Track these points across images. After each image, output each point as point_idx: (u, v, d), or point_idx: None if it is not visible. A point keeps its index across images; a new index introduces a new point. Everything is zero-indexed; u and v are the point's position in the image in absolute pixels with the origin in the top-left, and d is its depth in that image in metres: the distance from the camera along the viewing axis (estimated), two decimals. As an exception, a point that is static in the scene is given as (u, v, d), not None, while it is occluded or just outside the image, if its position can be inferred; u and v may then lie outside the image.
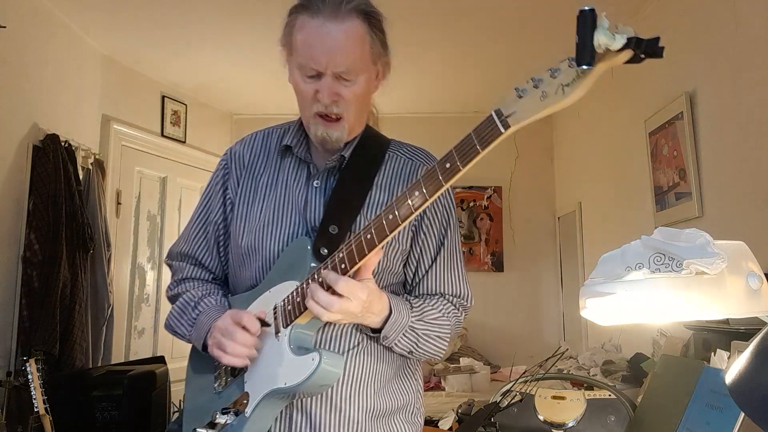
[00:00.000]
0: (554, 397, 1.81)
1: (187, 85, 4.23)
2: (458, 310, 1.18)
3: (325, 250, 1.03)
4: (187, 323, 1.16)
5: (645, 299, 0.82)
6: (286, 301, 1.04)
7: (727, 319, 1.66)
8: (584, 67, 0.72)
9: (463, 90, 4.34)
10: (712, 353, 1.55)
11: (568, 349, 3.28)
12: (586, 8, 0.71)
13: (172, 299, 1.23)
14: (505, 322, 4.60)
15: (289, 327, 1.03)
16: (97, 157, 3.44)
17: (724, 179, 2.34)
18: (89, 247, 3.12)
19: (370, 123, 1.25)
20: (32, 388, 2.23)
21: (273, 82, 4.07)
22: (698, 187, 2.48)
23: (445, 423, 2.44)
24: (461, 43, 3.54)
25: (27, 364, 2.25)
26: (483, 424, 1.77)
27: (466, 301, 1.20)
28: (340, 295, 0.95)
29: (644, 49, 0.69)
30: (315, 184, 1.14)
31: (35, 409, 2.21)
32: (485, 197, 4.82)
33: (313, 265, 1.03)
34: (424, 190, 0.89)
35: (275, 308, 1.06)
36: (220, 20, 3.22)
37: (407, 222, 0.92)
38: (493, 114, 0.82)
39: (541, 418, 1.79)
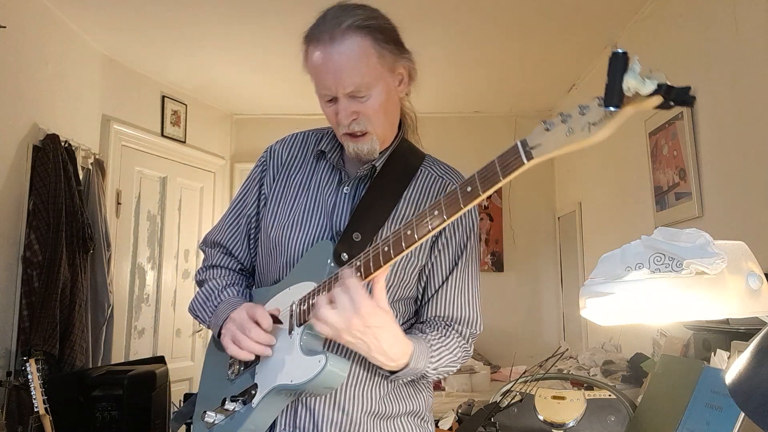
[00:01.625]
0: (554, 397, 1.81)
1: (187, 85, 4.23)
2: (468, 344, 1.20)
3: (346, 256, 1.06)
4: (209, 309, 1.20)
5: (645, 299, 0.82)
6: (302, 300, 1.07)
7: (727, 319, 1.66)
8: (612, 108, 0.72)
9: (464, 90, 4.34)
10: (712, 353, 1.55)
11: (568, 349, 3.28)
12: (620, 51, 0.72)
13: (200, 284, 1.28)
14: (505, 322, 4.60)
15: (302, 327, 1.05)
16: (97, 157, 3.45)
17: (724, 179, 2.34)
18: (89, 247, 3.12)
19: (409, 126, 1.28)
20: (32, 388, 2.23)
21: (273, 82, 4.07)
22: (698, 187, 2.48)
23: (445, 423, 2.44)
24: (463, 43, 3.54)
25: (27, 364, 2.25)
26: (483, 424, 1.77)
27: (476, 328, 1.20)
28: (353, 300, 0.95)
29: (674, 97, 0.70)
30: (345, 191, 1.17)
31: (35, 409, 2.21)
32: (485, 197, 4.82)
33: (332, 265, 1.06)
34: (444, 211, 0.90)
35: (292, 305, 1.09)
36: (220, 20, 3.22)
37: (423, 240, 0.93)
38: (518, 144, 0.83)
39: (541, 418, 1.79)
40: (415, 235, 0.92)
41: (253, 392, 1.07)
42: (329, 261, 1.07)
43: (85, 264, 3.14)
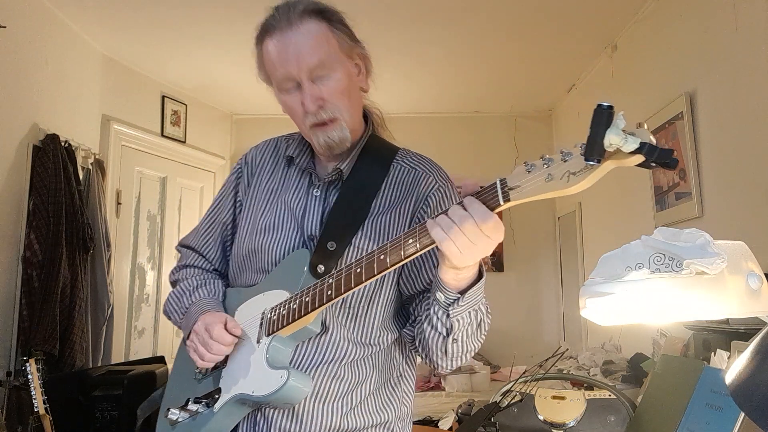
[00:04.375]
0: (554, 397, 1.81)
1: (187, 85, 4.23)
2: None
3: (322, 267, 1.04)
4: (180, 311, 1.19)
5: (645, 299, 0.82)
6: (273, 309, 1.05)
7: (727, 319, 1.66)
8: (591, 162, 0.71)
9: (464, 90, 4.34)
10: (712, 353, 1.55)
11: (568, 349, 3.28)
12: (605, 105, 0.70)
13: (173, 284, 1.27)
14: (505, 322, 4.60)
15: (270, 337, 1.03)
16: (97, 157, 3.45)
17: (724, 179, 2.34)
18: (89, 247, 3.12)
19: (378, 124, 1.25)
20: (32, 388, 2.23)
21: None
22: (698, 187, 2.48)
23: (445, 423, 2.44)
24: (463, 43, 3.54)
25: (27, 364, 2.25)
26: (483, 424, 1.77)
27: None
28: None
29: (656, 158, 0.68)
30: (315, 193, 1.14)
31: (35, 409, 2.21)
32: (485, 197, 4.82)
33: (308, 276, 1.04)
34: (418, 241, 0.89)
35: (264, 312, 1.07)
36: (220, 20, 3.22)
37: (398, 266, 0.91)
38: (498, 183, 0.82)
39: (541, 418, 1.79)
40: (388, 263, 0.91)
41: (216, 396, 1.07)
42: (305, 272, 1.05)
43: (85, 264, 3.14)
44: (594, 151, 0.70)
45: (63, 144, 3.03)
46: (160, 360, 3.29)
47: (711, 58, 2.41)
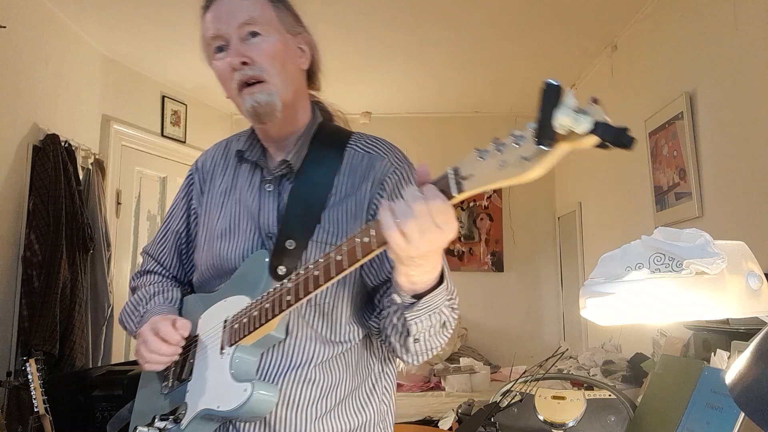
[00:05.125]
0: (554, 397, 1.81)
1: (187, 85, 4.23)
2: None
3: (283, 269, 0.99)
4: (136, 319, 1.15)
5: (645, 299, 0.82)
6: (235, 318, 1.00)
7: (727, 319, 1.66)
8: (543, 147, 0.65)
9: (464, 90, 4.34)
10: (712, 353, 1.55)
11: (568, 349, 3.28)
12: (553, 82, 0.64)
13: (132, 290, 1.24)
14: (505, 322, 4.60)
15: (233, 347, 0.98)
16: (97, 157, 3.44)
17: (724, 179, 2.34)
18: (89, 247, 3.12)
19: (340, 121, 1.21)
20: (32, 388, 2.23)
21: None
22: (698, 187, 2.48)
23: (445, 423, 2.44)
24: (463, 43, 3.54)
25: (27, 364, 2.25)
26: (483, 424, 1.77)
27: (454, 296, 1.05)
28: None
29: (611, 138, 0.61)
30: (267, 188, 1.09)
31: (35, 409, 2.21)
32: (485, 197, 4.83)
33: (268, 280, 1.00)
34: (374, 237, 0.83)
35: (225, 321, 1.02)
36: (220, 20, 3.22)
37: (355, 267, 0.86)
38: (450, 172, 0.76)
39: (541, 418, 1.79)
40: (345, 263, 0.85)
41: (183, 412, 1.02)
42: (265, 275, 1.00)
43: (85, 264, 3.14)
44: (545, 135, 0.64)
45: (63, 144, 3.03)
46: (160, 360, 3.28)
47: (711, 58, 2.41)
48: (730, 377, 0.61)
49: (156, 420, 1.04)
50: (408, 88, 4.28)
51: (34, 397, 2.22)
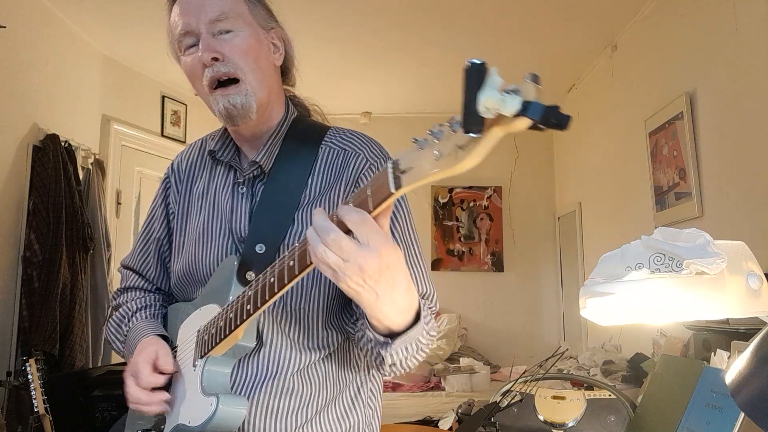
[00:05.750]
0: (554, 397, 1.81)
1: (187, 85, 4.16)
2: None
3: (252, 274, 0.94)
4: (120, 338, 1.11)
5: (645, 299, 0.82)
6: (206, 327, 0.95)
7: (727, 319, 1.66)
8: (471, 134, 0.59)
9: (460, 90, 4.33)
10: (712, 353, 1.55)
11: (568, 349, 3.28)
12: (475, 61, 0.59)
13: (115, 308, 1.18)
14: (505, 322, 4.60)
15: (204, 359, 0.94)
16: (97, 157, 3.45)
17: (724, 179, 2.34)
18: (89, 247, 3.12)
19: (318, 117, 1.16)
20: (32, 388, 2.23)
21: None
22: (698, 187, 2.48)
23: (445, 423, 2.44)
24: (463, 43, 3.54)
25: (27, 364, 2.25)
26: (483, 424, 1.77)
27: (434, 303, 1.01)
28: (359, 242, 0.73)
29: (543, 119, 0.54)
30: (240, 191, 1.04)
31: (35, 409, 2.21)
32: (485, 197, 4.83)
33: (236, 287, 0.95)
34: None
35: (198, 332, 0.98)
36: (220, 20, 3.22)
37: (306, 272, 0.78)
38: (389, 166, 0.69)
39: (541, 418, 1.79)
40: (296, 269, 0.78)
41: (162, 427, 0.99)
42: (233, 282, 0.95)
43: (85, 264, 3.14)
44: (470, 120, 0.58)
45: (63, 144, 3.03)
46: (160, 360, 3.28)
47: (711, 58, 2.41)
48: (730, 377, 0.61)
49: None
50: (408, 88, 4.28)
51: (34, 397, 2.22)
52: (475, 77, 0.59)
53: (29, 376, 2.24)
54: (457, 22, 3.27)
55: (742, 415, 1.20)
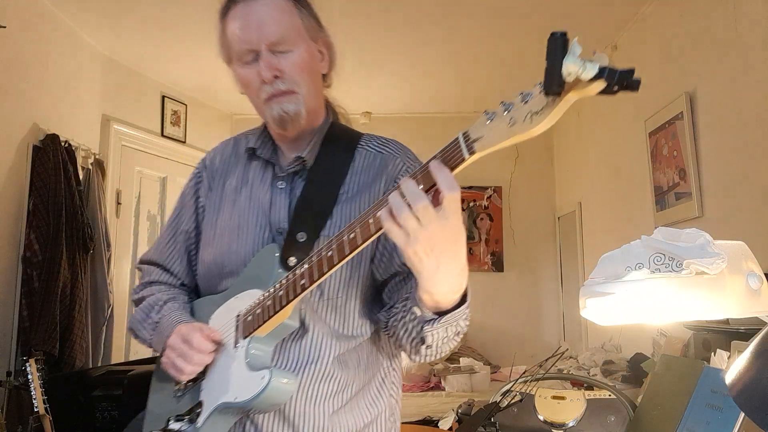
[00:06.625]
0: (554, 397, 1.81)
1: (187, 85, 4.23)
2: None
3: (294, 260, 0.99)
4: (149, 328, 1.13)
5: (645, 299, 0.82)
6: (248, 311, 1.00)
7: (727, 319, 1.66)
8: (552, 95, 0.67)
9: (464, 90, 4.34)
10: (712, 353, 1.55)
11: (568, 349, 3.28)
12: (558, 33, 0.66)
13: (137, 302, 1.21)
14: (505, 322, 4.60)
15: (248, 339, 0.99)
16: (97, 157, 3.45)
17: (724, 179, 2.34)
18: (89, 247, 3.12)
19: (343, 119, 1.22)
20: (32, 388, 2.23)
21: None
22: (698, 187, 2.48)
23: (445, 423, 2.44)
24: (462, 43, 3.54)
25: (27, 364, 2.25)
26: (483, 424, 1.77)
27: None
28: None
29: (617, 80, 0.63)
30: (279, 186, 1.10)
31: (35, 409, 2.21)
32: (485, 197, 4.83)
33: (279, 272, 1.00)
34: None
35: (238, 316, 1.02)
36: (220, 20, 3.22)
37: (368, 242, 0.85)
38: (460, 137, 0.78)
39: (541, 418, 1.79)
40: (359, 239, 0.85)
41: (198, 411, 1.01)
42: (276, 267, 1.00)
43: (85, 264, 3.14)
44: (553, 83, 0.66)
45: (63, 144, 3.03)
46: (160, 360, 3.28)
47: (711, 58, 2.41)
48: (730, 377, 0.61)
49: (171, 422, 1.03)
50: (408, 88, 4.28)
51: (34, 397, 2.22)
52: (560, 45, 0.65)
53: (29, 376, 2.24)
54: (457, 22, 3.27)
55: (742, 415, 1.20)
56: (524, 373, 2.06)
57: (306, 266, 0.92)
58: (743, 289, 0.80)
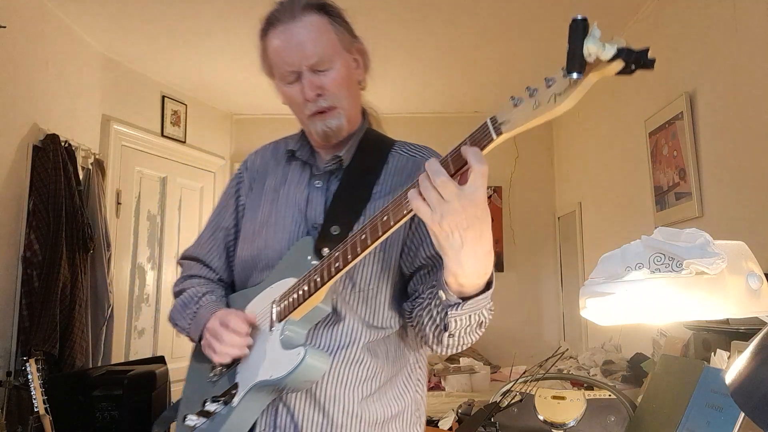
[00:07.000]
0: (554, 397, 1.81)
1: (187, 85, 4.23)
2: None
3: (327, 250, 1.04)
4: (188, 317, 1.19)
5: (645, 299, 0.82)
6: (282, 296, 1.06)
7: (727, 319, 1.66)
8: (574, 75, 0.71)
9: (464, 90, 4.34)
10: (712, 353, 1.55)
11: (568, 349, 3.28)
12: (579, 17, 0.73)
13: (177, 294, 1.28)
14: (505, 322, 4.59)
15: (283, 322, 1.04)
16: (97, 157, 3.44)
17: (724, 179, 2.34)
18: (89, 247, 3.12)
19: (373, 125, 1.27)
20: (32, 388, 2.23)
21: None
22: (698, 187, 2.48)
23: (445, 423, 2.44)
24: (463, 43, 3.54)
25: (27, 364, 2.25)
26: (483, 424, 1.77)
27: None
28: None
29: (634, 60, 0.69)
30: (316, 184, 1.17)
31: (35, 409, 2.21)
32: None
33: (313, 262, 1.04)
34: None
35: (273, 303, 1.08)
36: (220, 20, 3.22)
37: (400, 224, 0.90)
38: (488, 121, 0.82)
39: (541, 418, 1.79)
40: (391, 220, 0.90)
41: (234, 392, 1.06)
42: (309, 257, 1.06)
43: (85, 264, 3.14)
44: (575, 63, 0.71)
45: (63, 144, 3.03)
46: (160, 360, 3.29)
47: (711, 58, 2.41)
48: (730, 377, 0.62)
49: (207, 403, 1.08)
50: (408, 88, 4.28)
51: (34, 397, 2.22)
52: (581, 28, 0.72)
53: (29, 376, 2.24)
54: (457, 22, 3.27)
55: (742, 415, 1.20)
56: (524, 373, 2.06)
57: (340, 250, 0.97)
58: (743, 289, 0.80)
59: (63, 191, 2.94)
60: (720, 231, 2.06)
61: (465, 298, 0.96)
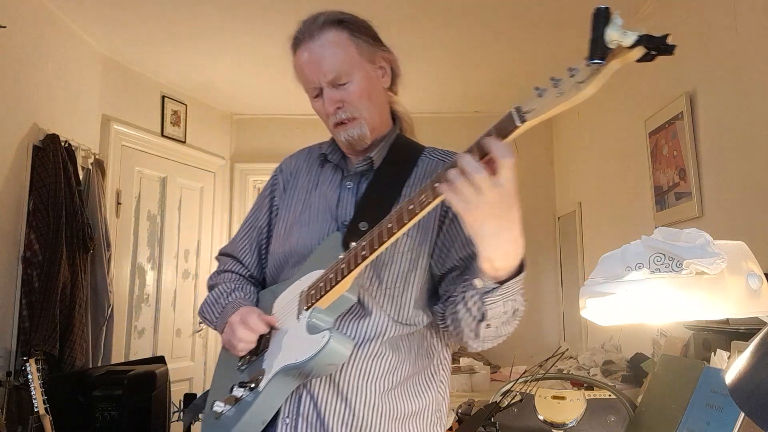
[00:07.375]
0: (554, 397, 1.81)
1: (187, 85, 4.23)
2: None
3: (354, 244, 1.07)
4: (216, 312, 1.26)
5: (645, 299, 0.82)
6: (310, 287, 1.10)
7: (727, 319, 1.66)
8: (596, 62, 0.75)
9: (464, 90, 4.34)
10: (712, 353, 1.55)
11: (568, 349, 3.28)
12: (601, 6, 0.75)
13: (210, 288, 1.35)
14: (505, 322, 4.59)
15: (309, 310, 1.08)
16: (97, 157, 3.44)
17: (724, 179, 2.34)
18: (89, 247, 3.12)
19: (406, 130, 1.32)
20: (32, 388, 2.23)
21: (273, 82, 4.07)
22: (698, 187, 2.48)
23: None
24: (463, 43, 3.54)
25: (27, 364, 2.25)
26: (483, 424, 1.77)
27: None
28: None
29: (655, 46, 0.74)
30: (347, 185, 1.22)
31: (35, 409, 2.21)
32: (485, 197, 4.82)
33: (341, 256, 1.07)
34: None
35: (300, 294, 1.13)
36: (220, 20, 3.22)
37: (426, 211, 0.93)
38: (513, 110, 0.86)
39: (541, 418, 1.79)
40: (417, 207, 0.93)
41: (260, 377, 1.09)
42: (338, 250, 1.09)
43: (85, 264, 3.14)
44: (597, 50, 0.74)
45: (63, 144, 3.03)
46: (160, 360, 3.29)
47: (711, 58, 2.41)
48: (730, 377, 0.61)
49: (234, 388, 1.12)
50: (408, 88, 4.27)
51: (34, 397, 2.22)
52: (603, 17, 0.74)
53: (29, 376, 2.24)
54: (457, 23, 3.27)
55: (742, 415, 1.20)
56: (524, 373, 2.07)
57: (366, 240, 1.01)
58: (743, 289, 0.80)
59: (63, 191, 2.94)
60: (720, 231, 2.06)
61: (500, 282, 1.01)
